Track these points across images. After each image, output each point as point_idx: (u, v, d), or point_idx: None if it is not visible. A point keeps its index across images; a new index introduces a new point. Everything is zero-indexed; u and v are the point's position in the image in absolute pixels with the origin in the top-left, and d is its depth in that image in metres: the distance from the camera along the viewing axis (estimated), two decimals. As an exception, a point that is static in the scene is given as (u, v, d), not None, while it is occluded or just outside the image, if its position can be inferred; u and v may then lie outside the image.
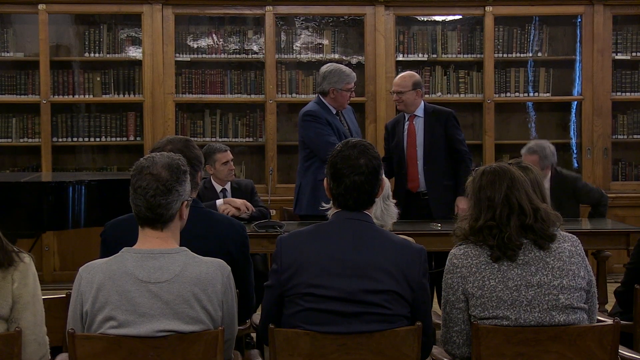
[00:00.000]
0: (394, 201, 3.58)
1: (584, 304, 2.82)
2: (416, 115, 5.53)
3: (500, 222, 2.78)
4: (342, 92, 5.37)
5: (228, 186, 5.51)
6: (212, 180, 5.50)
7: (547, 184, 5.56)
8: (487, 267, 2.78)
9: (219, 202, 5.32)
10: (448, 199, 5.43)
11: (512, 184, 2.82)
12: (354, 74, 5.47)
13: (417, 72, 7.15)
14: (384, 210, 3.43)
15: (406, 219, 5.33)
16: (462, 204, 5.20)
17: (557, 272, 2.77)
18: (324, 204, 3.30)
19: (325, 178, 2.84)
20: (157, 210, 2.58)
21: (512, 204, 2.80)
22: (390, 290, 2.70)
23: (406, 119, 5.55)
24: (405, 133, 5.53)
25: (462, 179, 5.30)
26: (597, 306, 2.94)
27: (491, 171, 2.87)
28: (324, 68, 5.48)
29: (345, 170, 2.74)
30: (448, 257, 2.87)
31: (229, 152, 5.51)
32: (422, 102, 5.55)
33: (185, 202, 2.66)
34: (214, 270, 2.62)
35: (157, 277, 2.55)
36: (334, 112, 5.43)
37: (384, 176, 2.86)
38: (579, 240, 2.88)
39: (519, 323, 2.74)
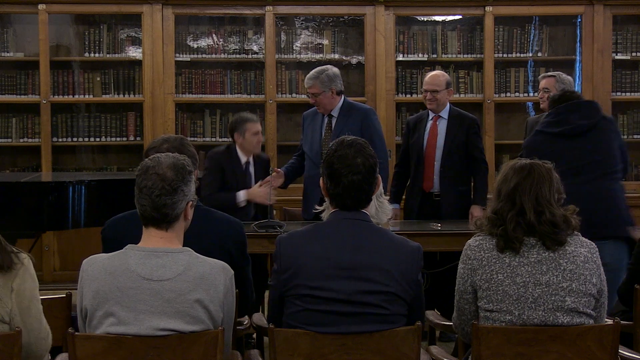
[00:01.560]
0: (387, 197, 3.58)
1: (592, 310, 2.81)
2: (440, 116, 5.51)
3: (500, 216, 2.80)
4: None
5: (251, 158, 5.46)
6: (238, 150, 5.42)
7: None
8: (497, 261, 2.79)
9: (242, 195, 5.31)
10: (461, 204, 5.42)
11: (521, 183, 2.82)
12: (308, 79, 5.43)
13: (417, 72, 7.23)
14: (379, 207, 3.42)
15: (417, 220, 5.34)
16: (477, 212, 5.19)
17: (568, 275, 2.76)
18: (317, 207, 3.30)
19: (322, 178, 2.84)
20: (162, 210, 2.59)
21: (515, 202, 2.80)
22: (389, 291, 2.71)
23: (430, 117, 5.53)
24: (427, 132, 5.50)
25: (478, 189, 5.35)
26: (605, 317, 2.93)
27: (513, 165, 2.89)
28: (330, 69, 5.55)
29: (343, 170, 2.74)
30: (464, 247, 2.89)
31: (259, 123, 5.48)
32: (448, 104, 5.55)
33: (190, 202, 2.67)
34: (217, 272, 2.62)
35: (160, 275, 2.56)
36: (324, 115, 5.45)
37: (378, 174, 2.86)
38: (597, 249, 2.87)
39: (522, 319, 2.74)
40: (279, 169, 5.55)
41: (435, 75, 5.54)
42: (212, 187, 5.30)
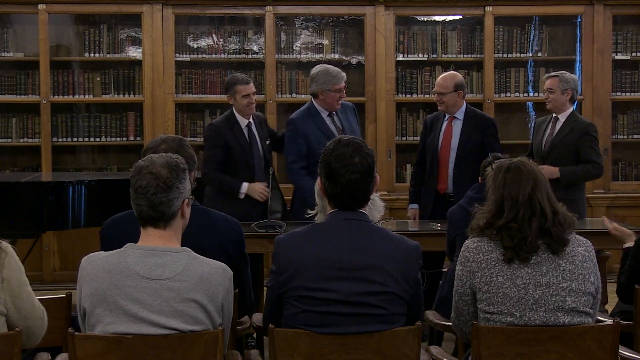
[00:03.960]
0: (378, 194, 3.58)
1: (590, 309, 2.81)
2: (455, 117, 5.48)
3: (522, 224, 2.76)
4: (330, 93, 5.34)
5: (251, 119, 5.41)
6: (236, 113, 5.37)
7: (563, 119, 5.50)
8: (497, 264, 2.77)
9: (244, 187, 5.27)
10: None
11: (536, 185, 2.80)
12: (343, 74, 5.41)
13: (417, 72, 7.23)
14: (371, 205, 3.43)
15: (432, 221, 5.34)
16: None
17: (568, 275, 2.76)
18: (309, 211, 3.29)
19: (319, 178, 2.83)
20: (159, 208, 2.59)
21: (535, 206, 2.78)
22: (389, 291, 2.71)
23: (445, 118, 5.51)
24: (442, 133, 5.48)
25: None
26: (596, 314, 2.94)
27: (516, 169, 2.84)
28: (313, 70, 5.47)
29: (341, 170, 2.73)
30: (462, 248, 2.87)
31: (251, 84, 5.39)
32: (464, 104, 5.51)
33: (187, 200, 2.67)
34: (217, 273, 2.62)
35: (159, 274, 2.56)
36: (326, 113, 5.42)
37: (376, 173, 2.85)
38: (592, 246, 2.87)
39: (523, 321, 2.74)
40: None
41: (444, 78, 5.50)
42: (213, 163, 5.25)
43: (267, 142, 5.48)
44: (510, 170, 2.85)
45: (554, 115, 5.54)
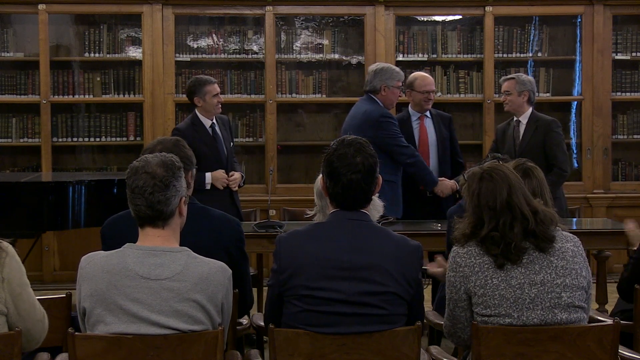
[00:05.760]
0: (377, 194, 3.58)
1: (584, 303, 2.83)
2: (426, 116, 5.61)
3: (504, 231, 2.76)
4: (394, 90, 5.38)
5: (214, 119, 5.50)
6: (199, 114, 5.46)
7: (524, 121, 5.52)
8: (490, 266, 2.78)
9: (208, 176, 5.32)
10: (454, 198, 5.51)
11: (511, 190, 2.80)
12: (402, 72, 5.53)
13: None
14: (370, 205, 3.42)
15: (418, 219, 5.33)
16: None
17: (561, 271, 2.77)
18: (308, 211, 3.29)
19: (321, 176, 2.83)
20: (157, 207, 2.59)
21: (514, 211, 2.78)
22: (389, 291, 2.71)
23: (415, 117, 5.59)
24: (417, 131, 5.57)
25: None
26: (590, 308, 2.95)
27: (488, 177, 2.84)
28: (373, 66, 5.51)
29: (342, 169, 2.74)
30: (451, 254, 2.86)
31: (217, 84, 5.52)
32: None
33: (183, 198, 2.67)
34: (216, 272, 2.62)
35: (158, 274, 2.56)
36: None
37: (379, 174, 2.85)
38: (580, 241, 2.88)
39: (521, 321, 2.74)
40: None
41: (428, 76, 5.62)
42: None
43: (232, 144, 5.56)
44: (483, 179, 2.84)
45: (515, 118, 5.57)
